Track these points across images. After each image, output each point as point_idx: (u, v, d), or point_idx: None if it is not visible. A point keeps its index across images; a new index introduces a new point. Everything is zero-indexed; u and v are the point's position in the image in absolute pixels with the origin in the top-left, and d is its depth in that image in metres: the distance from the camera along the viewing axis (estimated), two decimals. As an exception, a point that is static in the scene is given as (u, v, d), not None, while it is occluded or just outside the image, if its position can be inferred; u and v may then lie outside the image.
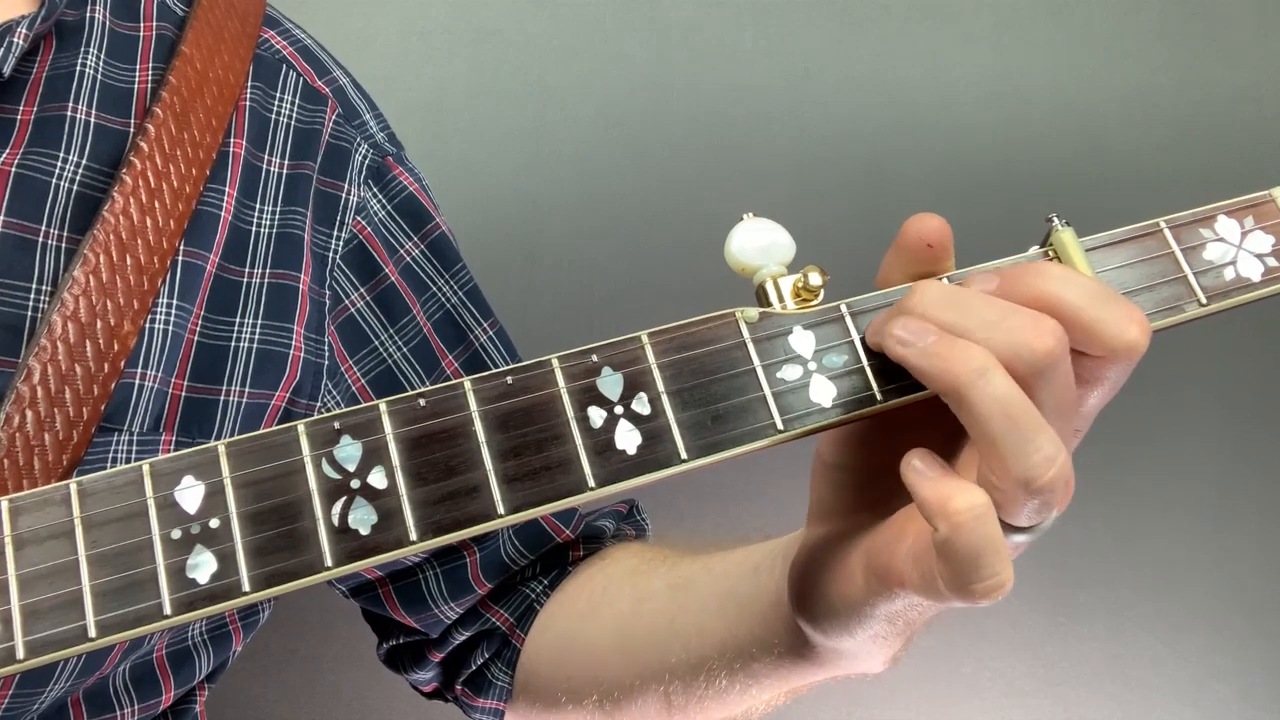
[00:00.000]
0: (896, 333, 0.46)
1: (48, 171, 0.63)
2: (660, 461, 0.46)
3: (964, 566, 0.43)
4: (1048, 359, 0.44)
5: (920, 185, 1.34)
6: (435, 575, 0.78)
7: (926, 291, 0.47)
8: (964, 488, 0.44)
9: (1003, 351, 0.44)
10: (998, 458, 0.44)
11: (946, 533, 0.43)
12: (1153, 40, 1.40)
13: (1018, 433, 0.43)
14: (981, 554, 0.43)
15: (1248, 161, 1.38)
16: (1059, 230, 0.51)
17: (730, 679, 0.62)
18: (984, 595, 0.44)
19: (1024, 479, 0.43)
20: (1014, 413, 0.44)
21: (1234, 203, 0.54)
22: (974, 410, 0.44)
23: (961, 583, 0.44)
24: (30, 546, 0.42)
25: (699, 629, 0.64)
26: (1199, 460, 1.37)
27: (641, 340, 0.48)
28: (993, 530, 0.44)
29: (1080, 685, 1.33)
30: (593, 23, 1.32)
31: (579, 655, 0.75)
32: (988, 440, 0.44)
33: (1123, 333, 0.46)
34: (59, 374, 0.59)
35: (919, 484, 0.45)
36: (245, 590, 0.43)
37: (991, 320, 0.45)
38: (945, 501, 0.43)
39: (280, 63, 0.76)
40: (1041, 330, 0.44)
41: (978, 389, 0.44)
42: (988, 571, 0.43)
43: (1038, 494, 0.44)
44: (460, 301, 0.79)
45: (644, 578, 0.74)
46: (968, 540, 0.43)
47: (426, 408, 0.46)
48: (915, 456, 0.46)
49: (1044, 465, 0.43)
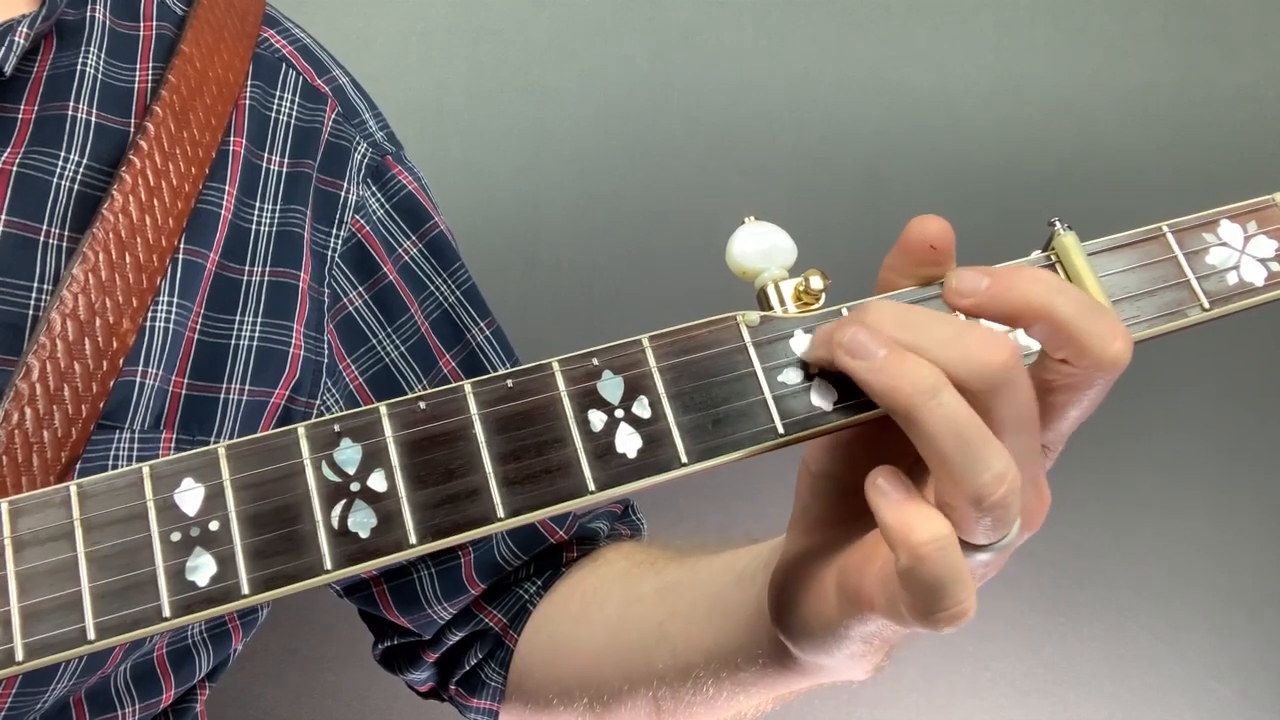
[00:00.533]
0: (845, 342, 0.46)
1: (48, 170, 0.63)
2: (660, 465, 0.46)
3: (926, 596, 0.43)
4: (1002, 373, 0.44)
5: (921, 187, 1.34)
6: (430, 575, 0.78)
7: (881, 309, 0.46)
8: (927, 516, 0.43)
9: (957, 368, 0.44)
10: (948, 476, 0.43)
11: (908, 563, 0.43)
12: (1153, 40, 1.40)
13: (967, 451, 0.43)
14: (944, 584, 0.43)
15: (1248, 162, 1.38)
16: (1061, 234, 0.51)
17: (717, 686, 0.61)
18: (946, 624, 0.44)
19: (974, 497, 0.43)
20: (963, 431, 0.43)
21: (1237, 207, 0.53)
22: (924, 430, 0.44)
23: (923, 611, 0.44)
24: (30, 548, 0.42)
25: (686, 636, 0.64)
26: (1199, 460, 1.37)
27: (642, 343, 0.48)
28: (955, 560, 0.43)
29: (1080, 685, 1.33)
30: (593, 23, 1.31)
31: (570, 657, 0.75)
32: (938, 459, 0.44)
33: (1107, 346, 0.45)
34: (58, 371, 0.59)
35: (882, 506, 0.44)
36: (244, 593, 0.43)
37: (945, 338, 0.45)
38: (908, 531, 0.43)
39: (280, 62, 0.76)
40: (997, 344, 0.44)
41: (928, 409, 0.43)
42: (950, 601, 0.43)
43: (989, 511, 0.43)
44: (458, 301, 0.79)
45: (633, 580, 0.74)
46: (930, 571, 0.43)
47: (426, 410, 0.46)
48: (880, 475, 0.45)
49: (994, 483, 0.43)
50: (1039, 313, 0.46)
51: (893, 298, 0.50)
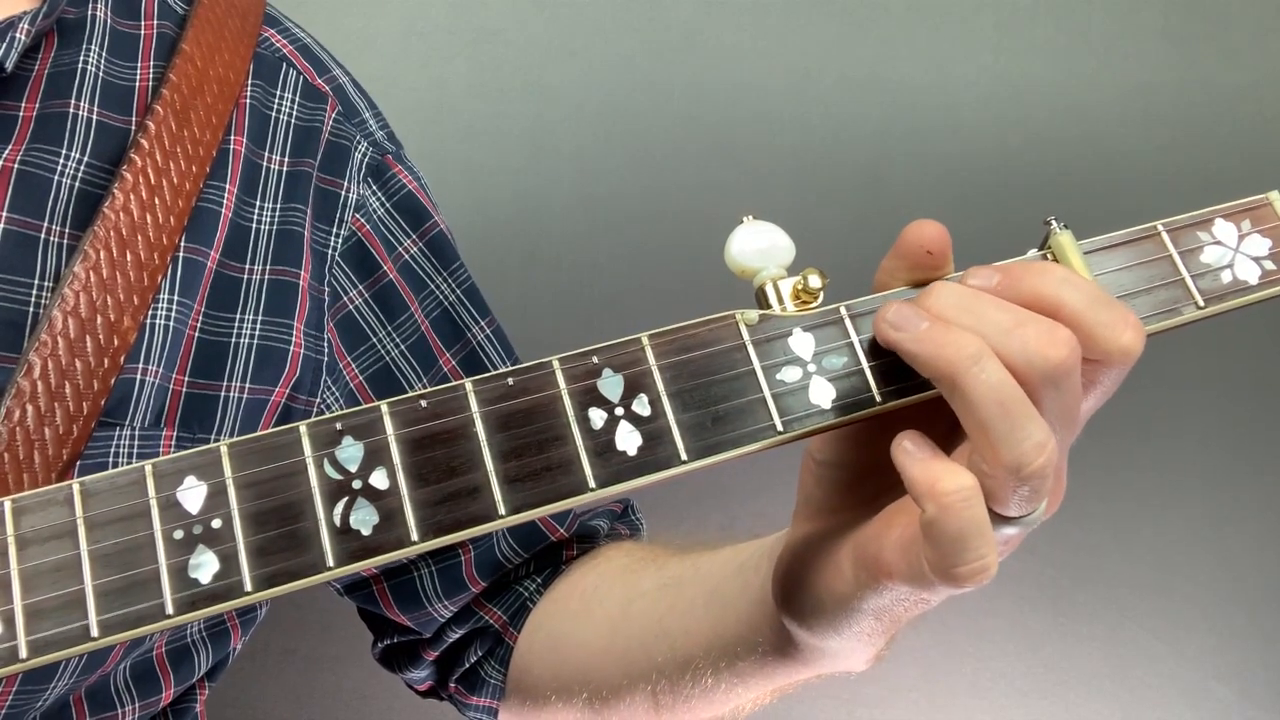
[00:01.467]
0: (889, 318, 0.47)
1: (50, 168, 0.64)
2: (660, 463, 0.46)
3: (949, 548, 0.44)
4: (1060, 369, 0.45)
5: (920, 186, 1.34)
6: (430, 573, 0.78)
7: (943, 293, 0.47)
8: (953, 469, 0.44)
9: (1016, 359, 0.45)
10: (989, 444, 0.44)
11: (933, 513, 0.44)
12: (1153, 40, 1.41)
13: (1009, 419, 0.44)
14: (967, 536, 0.44)
15: (1248, 161, 1.38)
16: (1057, 233, 0.51)
17: (716, 678, 0.62)
18: (968, 579, 0.44)
19: (1014, 465, 0.44)
20: (1006, 399, 0.44)
21: (1231, 206, 0.54)
22: (967, 396, 0.44)
23: (946, 565, 0.44)
24: (33, 546, 0.43)
25: (685, 629, 0.64)
26: (1199, 460, 1.37)
27: (642, 342, 0.48)
28: (979, 513, 0.44)
29: (1080, 685, 1.33)
30: (593, 23, 1.32)
31: (569, 654, 0.75)
32: (979, 426, 0.44)
33: (1119, 337, 0.46)
34: (59, 369, 0.59)
35: (909, 464, 0.45)
36: (247, 590, 0.43)
37: (1005, 326, 0.45)
38: (934, 482, 0.44)
39: (280, 61, 0.76)
40: (1056, 340, 0.45)
41: (971, 375, 0.44)
42: (973, 554, 0.44)
43: (1027, 480, 0.44)
44: (458, 300, 0.80)
45: (634, 576, 0.74)
46: (954, 521, 0.43)
47: (428, 409, 0.46)
48: (906, 438, 0.46)
49: (1034, 451, 0.44)
50: (1049, 305, 0.46)
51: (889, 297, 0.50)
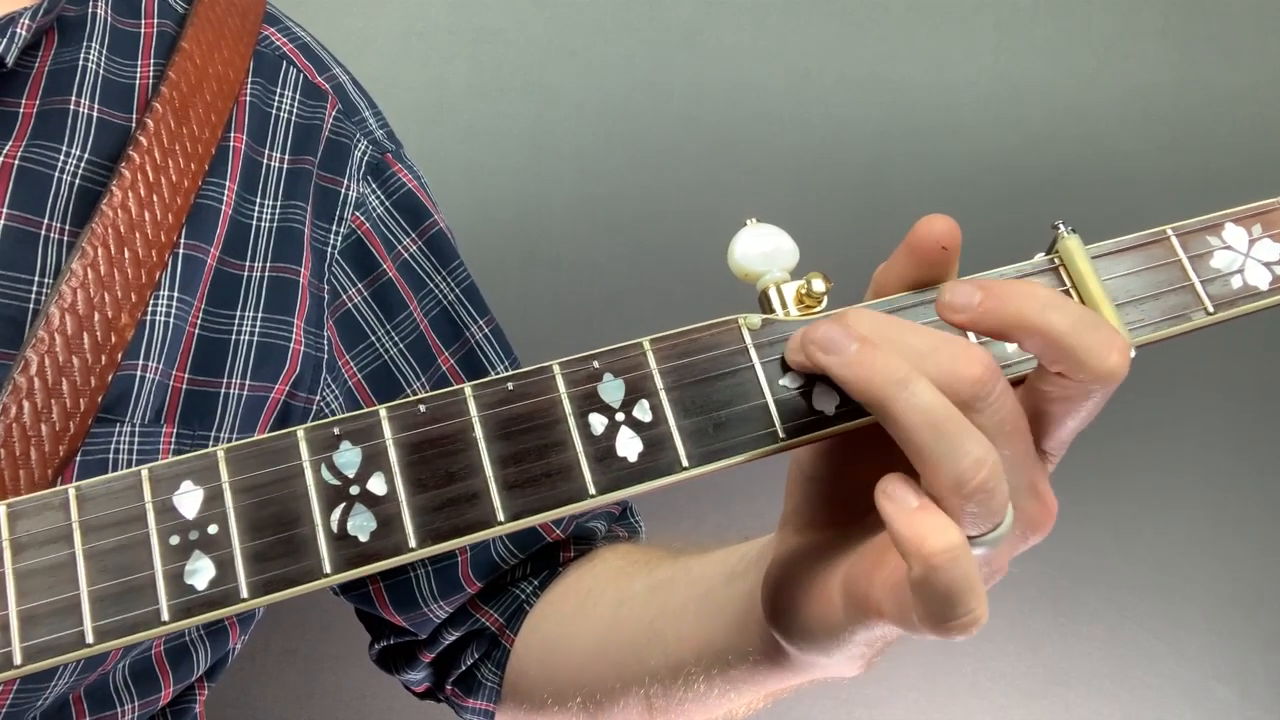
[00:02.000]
0: (817, 339, 0.46)
1: (50, 165, 0.64)
2: (661, 469, 0.46)
3: (939, 605, 0.43)
4: (977, 387, 0.44)
5: (922, 188, 1.34)
6: (426, 574, 0.78)
7: (859, 315, 0.47)
8: (940, 525, 0.43)
9: (934, 381, 0.44)
10: (928, 466, 0.44)
11: (922, 573, 0.43)
12: (1153, 40, 1.40)
13: (944, 440, 0.43)
14: (956, 593, 0.43)
15: (1249, 162, 1.38)
16: (1065, 237, 0.50)
17: (708, 683, 0.61)
18: (958, 632, 0.44)
19: (955, 483, 0.43)
20: (938, 420, 0.43)
21: (1241, 210, 0.53)
22: (898, 420, 0.44)
23: (936, 619, 0.43)
24: (28, 551, 0.42)
25: (677, 634, 0.64)
26: (1199, 460, 1.37)
27: (643, 346, 0.48)
28: (968, 569, 0.43)
29: (1080, 685, 1.33)
30: (593, 23, 1.31)
31: (564, 657, 0.74)
32: (915, 449, 0.44)
33: (1103, 360, 0.45)
34: (56, 365, 0.59)
35: (894, 516, 0.44)
36: (243, 596, 0.43)
37: (922, 351, 0.45)
38: (920, 541, 0.43)
39: (280, 59, 0.76)
40: (971, 358, 0.44)
41: (901, 400, 0.44)
42: (962, 609, 0.43)
43: (971, 497, 0.43)
44: (457, 299, 0.80)
45: (626, 579, 0.74)
46: (944, 580, 0.43)
47: (427, 413, 0.45)
48: (890, 483, 0.45)
49: (974, 468, 0.43)
50: (1033, 329, 0.46)
51: (886, 303, 0.50)
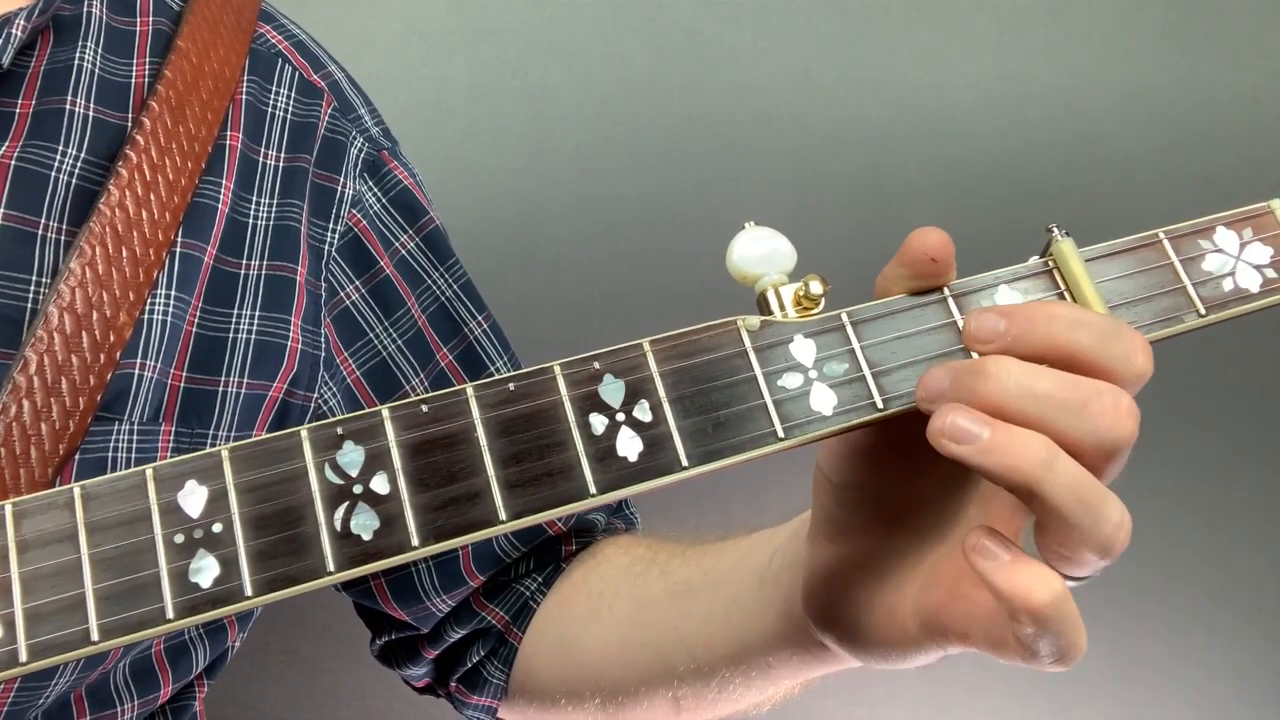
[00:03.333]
0: (948, 430, 0.44)
1: (47, 164, 0.64)
2: (661, 469, 0.46)
3: (1050, 649, 0.44)
4: (1128, 441, 0.44)
5: (921, 189, 1.34)
6: (428, 568, 0.78)
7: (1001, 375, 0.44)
8: (1042, 577, 0.44)
9: (1086, 440, 0.44)
10: (1076, 537, 0.44)
11: (1033, 630, 0.44)
12: (1153, 40, 1.40)
13: (1090, 512, 0.43)
14: (1065, 634, 0.44)
15: (1248, 162, 1.38)
16: (1059, 241, 0.51)
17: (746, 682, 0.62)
18: (1062, 666, 0.45)
19: (1101, 550, 0.44)
20: (1084, 493, 0.44)
21: (1233, 214, 0.54)
22: (1047, 501, 0.43)
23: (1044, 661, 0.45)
24: (33, 550, 0.42)
25: (706, 639, 0.64)
26: (1199, 460, 1.37)
27: (643, 348, 0.48)
28: (1072, 610, 0.44)
29: (1080, 685, 1.34)
30: (593, 23, 1.32)
31: (578, 658, 0.75)
32: (1063, 523, 0.44)
33: (1134, 365, 0.46)
34: (55, 364, 0.60)
35: (994, 574, 0.44)
36: (247, 594, 0.43)
37: (1072, 407, 0.44)
38: (1028, 596, 0.43)
39: (276, 57, 0.76)
40: (1122, 412, 0.44)
41: (1049, 481, 0.43)
42: (1069, 646, 0.44)
43: (1112, 557, 0.44)
44: (455, 294, 0.80)
45: (640, 580, 0.74)
46: (1053, 628, 0.44)
47: (429, 413, 0.46)
48: (980, 539, 0.45)
49: (1116, 532, 0.44)
50: (1065, 351, 0.46)
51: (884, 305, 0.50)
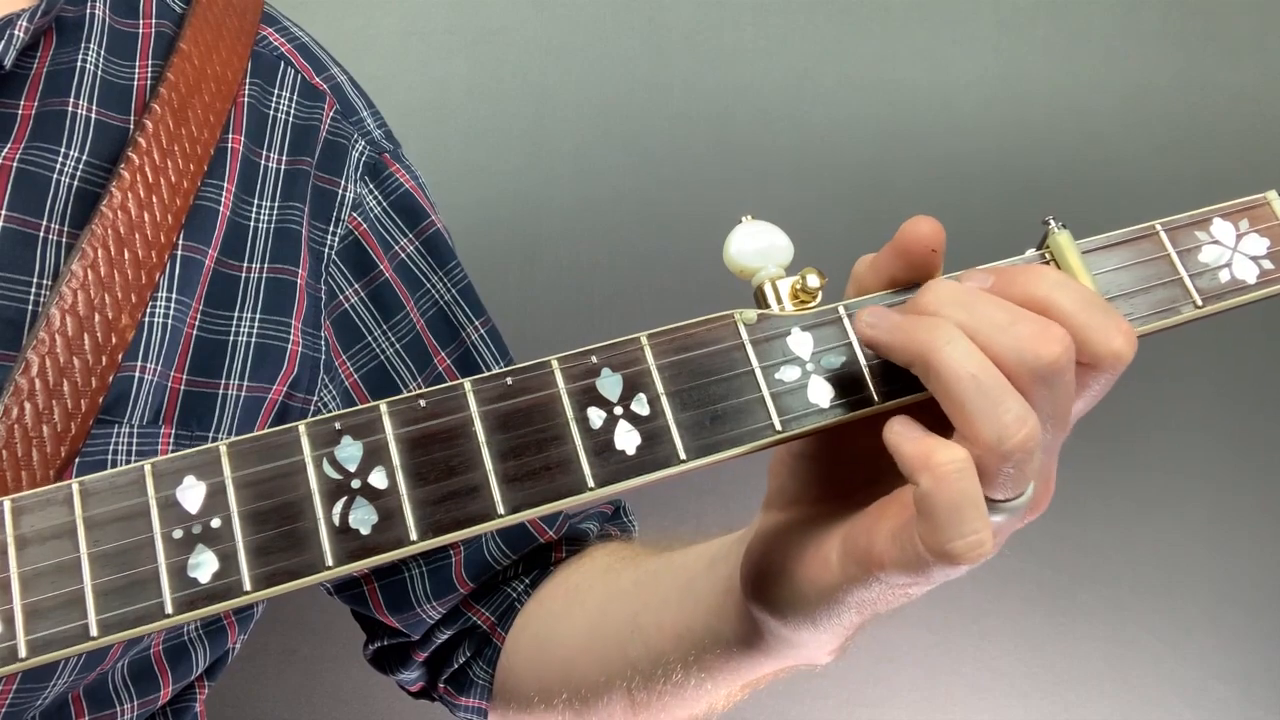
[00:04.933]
0: (866, 317, 0.48)
1: (49, 167, 0.64)
2: (659, 462, 0.46)
3: (945, 522, 0.44)
4: (1052, 367, 0.45)
5: (920, 186, 1.34)
6: (421, 574, 0.78)
7: (940, 289, 0.47)
8: (946, 443, 0.44)
9: (1008, 356, 0.45)
10: (968, 420, 0.44)
11: (928, 485, 0.44)
12: (1153, 40, 1.41)
13: (986, 395, 0.44)
14: (962, 507, 0.43)
15: (1247, 162, 1.39)
16: (1055, 233, 0.51)
17: (686, 673, 0.61)
18: (964, 554, 0.44)
19: (996, 439, 0.44)
20: (980, 374, 0.44)
21: (1229, 205, 0.54)
22: (941, 374, 0.44)
23: (942, 540, 0.44)
24: (32, 546, 0.43)
25: (657, 623, 0.64)
26: (1199, 459, 1.37)
27: (641, 341, 0.48)
28: (973, 486, 0.44)
29: (1080, 685, 1.33)
30: (593, 23, 1.32)
31: (551, 654, 0.75)
32: (957, 403, 0.44)
33: (1109, 341, 0.46)
34: (57, 367, 0.60)
35: (901, 442, 0.45)
36: (246, 589, 0.43)
37: (1000, 324, 0.45)
38: (928, 455, 0.44)
39: (279, 60, 0.76)
40: (1049, 338, 0.45)
41: (944, 353, 0.44)
42: (969, 528, 0.43)
43: (1010, 456, 0.44)
44: (454, 299, 0.80)
45: (614, 575, 0.74)
46: (949, 492, 0.43)
47: (427, 408, 0.46)
48: (896, 421, 0.46)
49: (1015, 425, 0.44)
50: (1041, 307, 0.46)
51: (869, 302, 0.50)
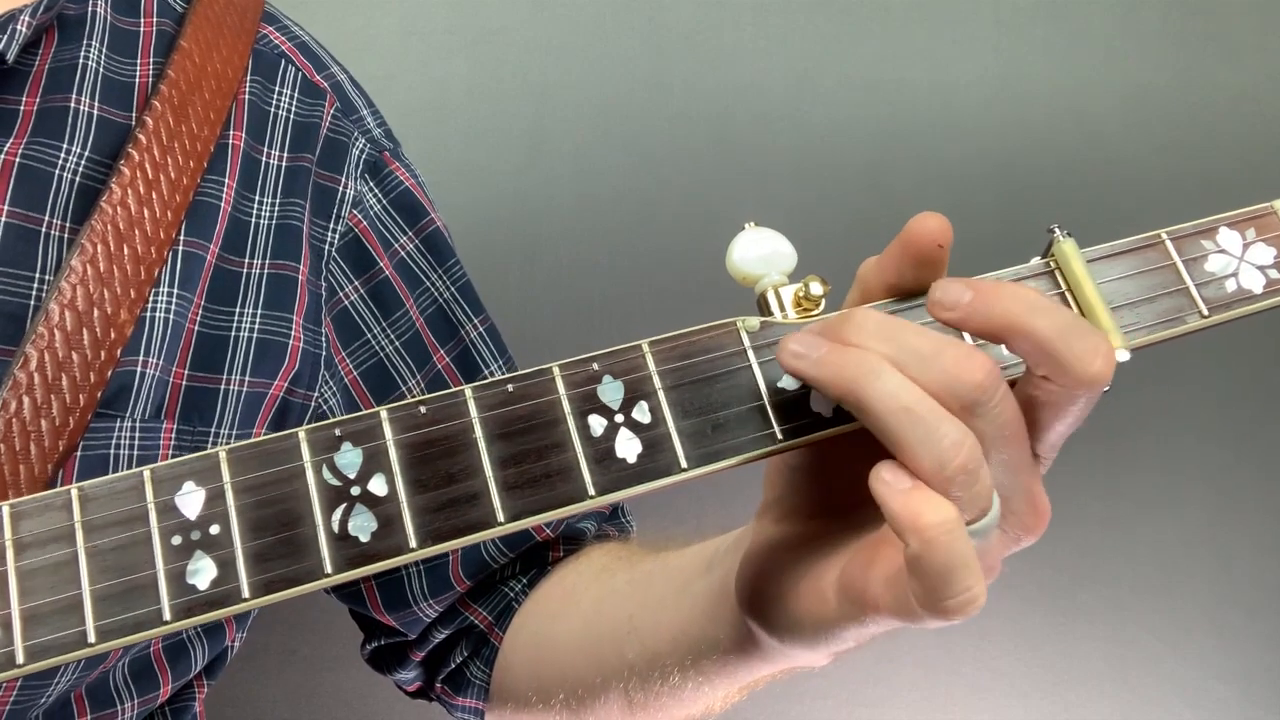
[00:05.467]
0: (791, 347, 0.47)
1: (50, 162, 0.64)
2: (660, 470, 0.46)
3: (937, 582, 0.43)
4: (977, 391, 0.44)
5: (921, 189, 1.34)
6: (418, 572, 0.78)
7: (864, 316, 0.47)
8: (934, 502, 0.44)
9: (935, 386, 0.44)
10: (906, 452, 0.44)
11: (917, 548, 0.43)
12: (1153, 40, 1.40)
13: (919, 424, 0.44)
14: (953, 568, 0.43)
15: (1248, 162, 1.39)
16: (1060, 241, 0.51)
17: (682, 675, 0.61)
18: (957, 611, 0.44)
19: (937, 465, 0.43)
20: (910, 404, 0.44)
21: (1236, 214, 0.53)
22: (872, 409, 0.44)
23: (935, 599, 0.44)
24: (31, 550, 0.42)
25: (653, 624, 0.64)
26: (1199, 460, 1.37)
27: (642, 349, 0.48)
28: (964, 545, 0.43)
29: (1080, 685, 1.34)
30: (593, 23, 1.32)
31: (548, 653, 0.75)
32: (893, 437, 0.44)
33: (1087, 366, 0.45)
34: (56, 361, 0.60)
35: (888, 497, 0.44)
36: (245, 596, 0.43)
37: (924, 354, 0.45)
38: (916, 517, 0.43)
39: (279, 58, 0.77)
40: (973, 365, 0.44)
41: (873, 388, 0.44)
42: (960, 586, 0.43)
43: (954, 480, 0.44)
44: (453, 297, 0.80)
45: (609, 575, 0.74)
46: (940, 555, 0.43)
47: (427, 414, 0.46)
48: (884, 469, 0.45)
49: (953, 450, 0.43)
50: (1018, 330, 0.46)
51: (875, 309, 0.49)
